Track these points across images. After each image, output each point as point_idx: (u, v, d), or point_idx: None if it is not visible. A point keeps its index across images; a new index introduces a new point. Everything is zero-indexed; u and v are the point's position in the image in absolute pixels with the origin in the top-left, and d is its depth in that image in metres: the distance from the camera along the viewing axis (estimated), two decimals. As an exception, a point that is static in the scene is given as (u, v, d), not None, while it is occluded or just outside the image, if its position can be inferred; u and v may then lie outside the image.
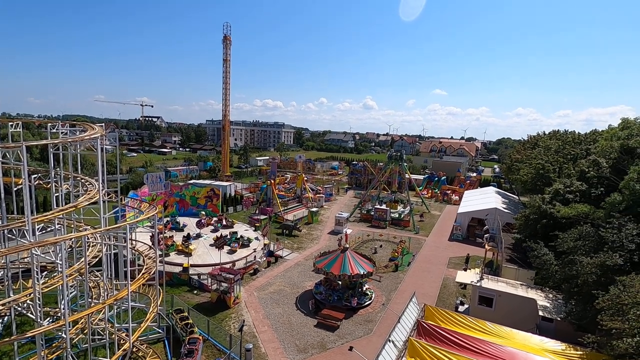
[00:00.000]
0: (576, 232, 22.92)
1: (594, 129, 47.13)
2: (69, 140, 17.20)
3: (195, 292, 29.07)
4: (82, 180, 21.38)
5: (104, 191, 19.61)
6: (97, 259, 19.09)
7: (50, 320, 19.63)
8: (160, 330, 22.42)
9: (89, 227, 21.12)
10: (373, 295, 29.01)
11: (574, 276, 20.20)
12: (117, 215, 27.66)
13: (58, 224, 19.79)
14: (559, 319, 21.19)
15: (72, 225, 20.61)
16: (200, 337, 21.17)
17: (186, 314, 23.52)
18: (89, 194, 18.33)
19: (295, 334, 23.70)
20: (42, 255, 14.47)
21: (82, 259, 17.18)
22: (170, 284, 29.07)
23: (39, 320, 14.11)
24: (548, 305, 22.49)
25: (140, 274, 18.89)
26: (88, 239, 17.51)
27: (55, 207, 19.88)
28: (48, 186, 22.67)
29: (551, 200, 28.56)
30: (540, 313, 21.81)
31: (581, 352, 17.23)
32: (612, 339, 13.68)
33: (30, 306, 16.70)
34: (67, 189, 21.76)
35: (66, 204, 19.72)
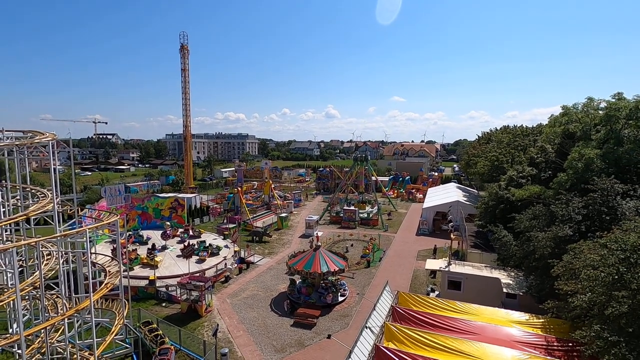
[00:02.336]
0: (530, 212, 24.56)
1: (539, 123, 51.05)
2: (17, 143, 16.03)
3: (164, 304, 27.76)
4: (33, 191, 19.93)
5: (58, 199, 18.38)
6: (53, 271, 17.74)
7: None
8: (127, 345, 21.16)
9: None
10: (347, 292, 29.21)
11: (532, 252, 21.58)
12: (74, 227, 25.89)
13: (6, 238, 18.23)
14: (521, 293, 22.50)
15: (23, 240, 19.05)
16: (172, 347, 20.25)
17: (155, 325, 22.39)
18: (41, 202, 17.13)
19: (271, 335, 23.28)
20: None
21: (37, 272, 15.95)
22: (136, 298, 27.58)
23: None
24: (511, 282, 23.80)
25: (103, 284, 17.82)
26: (42, 247, 16.30)
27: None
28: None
29: (506, 186, 30.46)
30: (505, 290, 23.04)
31: (543, 320, 18.44)
32: (568, 296, 14.73)
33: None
34: (16, 204, 20.16)
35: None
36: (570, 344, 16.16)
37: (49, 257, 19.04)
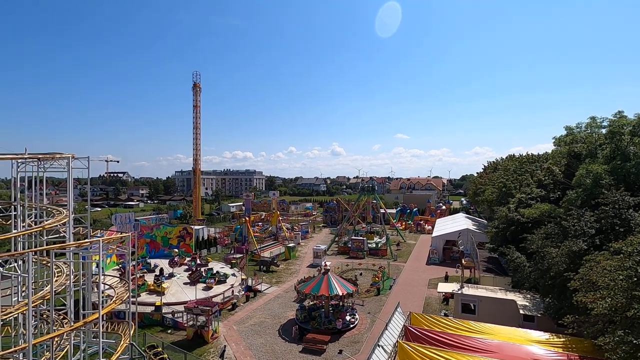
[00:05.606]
0: (542, 231, 24.21)
1: (546, 151, 51.33)
2: (40, 156, 16.78)
3: (169, 331, 27.08)
4: (49, 209, 20.42)
5: (73, 216, 18.79)
6: (64, 287, 17.69)
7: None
8: (131, 369, 20.49)
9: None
10: (357, 318, 28.30)
11: (547, 270, 21.03)
12: (85, 248, 25.95)
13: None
14: (539, 315, 21.64)
15: (37, 256, 19.25)
16: (177, 371, 19.57)
17: (160, 349, 21.80)
18: (57, 217, 17.54)
19: (280, 361, 22.40)
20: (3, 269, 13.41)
21: (47, 287, 15.97)
22: (141, 325, 26.92)
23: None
24: (527, 304, 22.99)
25: (112, 300, 17.71)
26: (55, 265, 16.44)
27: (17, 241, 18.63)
28: (8, 223, 21.40)
29: (516, 208, 30.26)
30: (521, 312, 22.21)
31: (564, 339, 17.64)
32: (588, 311, 14.22)
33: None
34: (30, 224, 20.57)
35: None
36: (595, 362, 15.37)
37: (60, 274, 19.11)
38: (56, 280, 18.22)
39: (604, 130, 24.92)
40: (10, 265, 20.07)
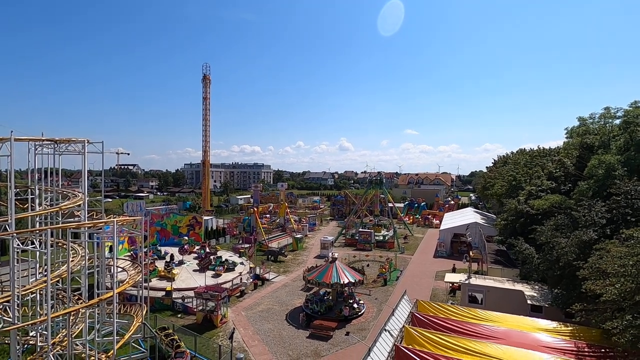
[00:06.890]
0: (552, 222, 24.04)
1: (558, 146, 50.56)
2: (57, 139, 17.22)
3: (179, 315, 27.70)
4: (64, 192, 20.96)
5: (87, 199, 19.27)
6: (79, 267, 18.22)
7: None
8: (143, 350, 21.07)
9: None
10: (364, 306, 28.56)
11: (556, 260, 20.94)
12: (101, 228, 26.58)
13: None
14: (546, 305, 21.60)
15: (53, 238, 19.82)
16: (187, 352, 20.05)
17: (171, 331, 22.33)
18: (73, 199, 18.02)
19: (287, 346, 22.79)
20: (22, 246, 13.88)
21: (64, 267, 16.45)
22: (152, 309, 27.46)
23: (15, 321, 13.23)
24: (535, 294, 22.95)
25: (126, 281, 18.19)
26: (72, 232, 16.92)
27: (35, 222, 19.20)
28: (25, 206, 22.01)
29: (525, 200, 30.04)
30: (529, 302, 22.19)
31: (572, 327, 17.66)
32: (596, 299, 14.18)
33: (7, 307, 15.47)
34: (46, 207, 21.13)
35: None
36: (603, 350, 15.36)
37: (75, 255, 19.66)
38: (72, 260, 18.79)
39: (617, 121, 24.54)
40: (29, 248, 20.72)
